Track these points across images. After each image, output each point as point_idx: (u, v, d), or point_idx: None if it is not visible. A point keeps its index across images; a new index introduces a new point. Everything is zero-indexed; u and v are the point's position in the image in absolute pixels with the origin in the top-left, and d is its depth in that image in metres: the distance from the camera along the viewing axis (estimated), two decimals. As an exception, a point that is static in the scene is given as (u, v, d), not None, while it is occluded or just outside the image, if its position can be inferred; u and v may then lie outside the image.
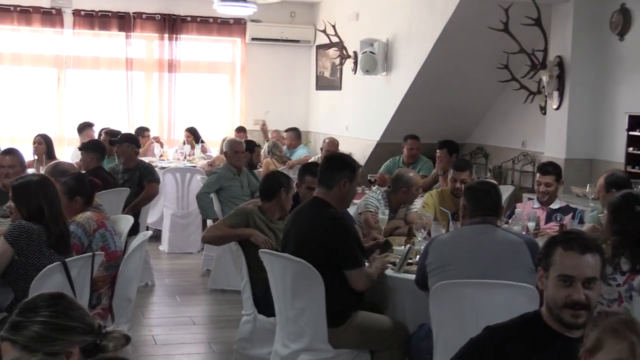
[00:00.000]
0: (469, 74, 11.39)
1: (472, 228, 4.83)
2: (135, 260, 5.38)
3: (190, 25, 14.70)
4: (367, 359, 5.05)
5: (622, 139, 8.95)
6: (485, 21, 10.07)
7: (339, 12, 14.15)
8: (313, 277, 4.78)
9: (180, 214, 10.49)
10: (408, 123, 11.59)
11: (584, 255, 3.06)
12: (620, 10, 9.40)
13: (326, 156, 6.12)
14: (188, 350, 6.68)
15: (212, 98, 15.10)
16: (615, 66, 9.58)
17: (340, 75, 14.39)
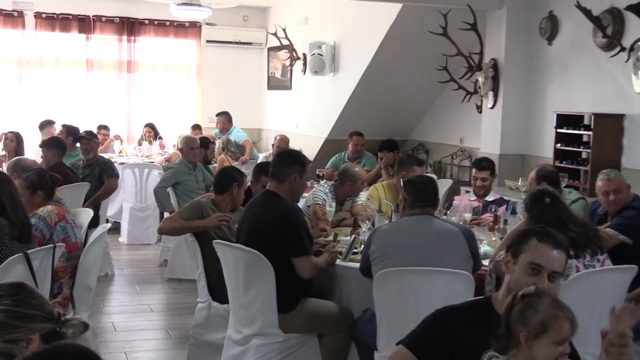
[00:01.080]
0: (410, 75, 11.41)
1: (412, 219, 4.85)
2: (95, 251, 5.32)
3: (148, 28, 14.60)
4: (316, 342, 5.04)
5: (550, 136, 9.03)
6: (425, 26, 10.11)
7: (289, 16, 14.14)
8: (264, 267, 4.77)
9: (139, 207, 10.42)
10: (354, 121, 11.59)
11: (555, 250, 3.13)
12: (548, 17, 9.50)
13: (277, 152, 6.12)
14: (146, 337, 6.62)
15: (169, 97, 14.95)
16: (544, 68, 9.67)
17: (290, 76, 14.39)
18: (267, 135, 15.19)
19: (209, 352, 5.50)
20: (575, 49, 9.16)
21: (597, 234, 5.02)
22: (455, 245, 4.68)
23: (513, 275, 3.13)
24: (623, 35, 8.38)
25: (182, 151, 8.94)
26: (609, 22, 8.46)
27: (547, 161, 8.70)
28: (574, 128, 8.66)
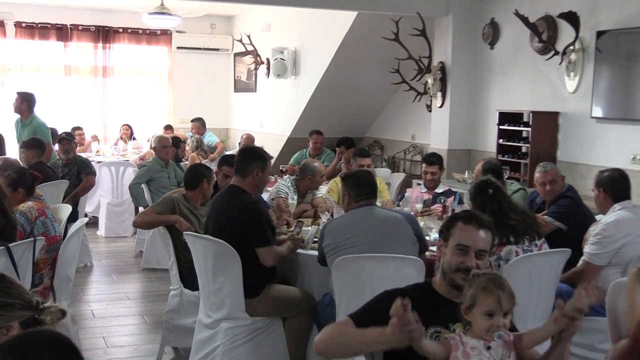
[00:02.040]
0: (366, 77, 11.45)
1: (359, 210, 4.88)
2: (74, 243, 5.30)
3: (122, 36, 14.55)
4: (280, 325, 5.05)
5: (493, 132, 9.12)
6: (378, 32, 10.14)
7: (254, 24, 14.14)
8: (231, 256, 4.77)
9: (115, 202, 10.37)
10: (314, 120, 11.62)
11: (479, 230, 3.15)
12: (490, 23, 9.60)
13: (241, 149, 6.12)
14: (123, 322, 6.60)
15: (142, 100, 14.89)
16: (487, 71, 9.77)
17: (255, 79, 14.39)
18: (234, 134, 15.18)
19: (182, 336, 5.51)
20: (515, 52, 9.26)
21: (535, 221, 5.09)
22: (402, 230, 4.74)
23: (445, 257, 3.16)
24: (557, 40, 8.49)
25: (156, 150, 8.92)
26: (544, 28, 8.57)
27: (491, 155, 8.78)
28: (514, 125, 8.76)
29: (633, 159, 7.62)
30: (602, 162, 7.46)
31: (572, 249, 4.99)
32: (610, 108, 7.88)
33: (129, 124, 13.13)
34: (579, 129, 8.30)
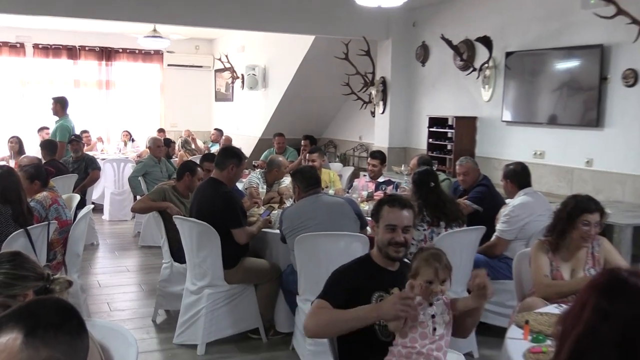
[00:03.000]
0: (322, 89, 11.42)
1: (309, 199, 4.87)
2: (82, 226, 5.23)
3: (121, 55, 14.37)
4: (252, 290, 5.03)
5: (424, 134, 9.17)
6: (332, 52, 10.14)
7: (230, 46, 14.06)
8: (211, 235, 4.75)
9: (117, 192, 10.26)
10: (280, 124, 11.60)
11: (403, 210, 3.11)
12: (422, 45, 9.65)
13: (222, 148, 6.07)
14: (124, 290, 6.53)
15: (139, 108, 14.69)
16: (419, 84, 9.82)
17: (232, 91, 14.32)
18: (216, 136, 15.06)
19: (172, 300, 5.46)
20: (441, 69, 9.32)
21: (458, 207, 5.15)
22: (344, 211, 4.76)
23: (378, 236, 3.13)
24: (474, 59, 8.56)
25: (150, 149, 8.83)
26: (464, 49, 8.63)
27: (423, 152, 8.85)
28: (441, 127, 8.84)
29: (534, 154, 7.72)
30: (510, 157, 7.53)
31: (487, 227, 5.04)
32: (516, 113, 7.96)
33: (128, 130, 13.04)
34: (492, 130, 8.39)
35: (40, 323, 1.65)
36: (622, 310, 1.77)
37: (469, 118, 8.63)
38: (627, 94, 6.65)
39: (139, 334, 5.21)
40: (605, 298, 1.80)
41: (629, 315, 1.76)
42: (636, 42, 6.38)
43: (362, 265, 3.15)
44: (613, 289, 1.82)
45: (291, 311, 4.94)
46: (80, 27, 12.97)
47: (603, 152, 6.92)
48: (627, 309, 1.77)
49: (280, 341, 5.03)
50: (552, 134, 7.52)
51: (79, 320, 1.74)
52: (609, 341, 1.76)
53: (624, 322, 1.76)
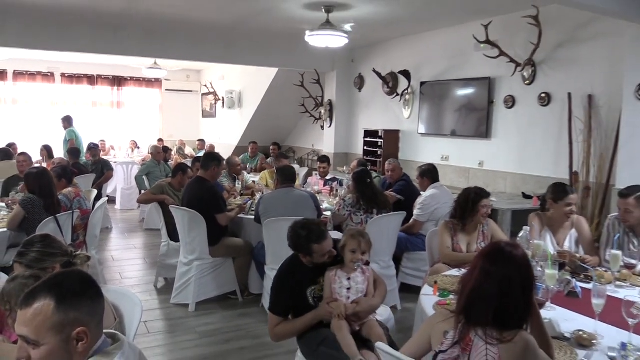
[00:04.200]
0: (284, 108, 11.39)
1: (282, 190, 4.85)
2: (99, 214, 5.10)
3: (129, 82, 14.01)
4: (231, 262, 4.99)
5: (361, 142, 9.22)
6: (291, 80, 10.15)
7: (214, 75, 13.91)
8: (199, 220, 4.70)
9: (127, 187, 10.02)
10: (252, 134, 11.52)
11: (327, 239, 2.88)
12: (359, 76, 9.71)
13: (206, 153, 5.97)
14: (132, 263, 6.40)
15: (143, 123, 14.37)
16: (357, 105, 9.88)
17: (215, 110, 14.11)
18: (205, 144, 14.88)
19: (169, 271, 5.38)
20: (373, 94, 9.39)
21: (386, 198, 5.18)
22: (307, 203, 4.74)
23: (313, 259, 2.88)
24: (397, 87, 8.65)
25: (152, 154, 8.67)
26: (390, 79, 8.72)
27: (360, 156, 8.89)
28: (373, 137, 8.89)
29: (441, 158, 7.85)
30: (424, 160, 7.63)
31: (407, 212, 5.11)
32: (429, 127, 8.08)
33: (134, 140, 12.78)
34: (411, 140, 8.49)
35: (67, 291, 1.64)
36: (499, 270, 1.86)
37: (394, 131, 8.72)
38: (507, 114, 6.82)
39: (144, 297, 5.13)
40: (488, 262, 1.88)
41: (503, 274, 1.85)
42: (513, 75, 6.57)
43: (293, 267, 2.96)
44: (494, 255, 1.90)
45: (261, 277, 4.92)
46: (97, 60, 12.64)
47: (491, 157, 7.08)
48: (502, 269, 1.86)
49: (253, 300, 5.02)
50: (454, 143, 7.66)
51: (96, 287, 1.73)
52: (490, 293, 1.85)
53: (500, 279, 1.85)
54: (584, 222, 3.78)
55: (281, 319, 2.87)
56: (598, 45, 5.74)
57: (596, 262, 3.52)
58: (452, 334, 1.91)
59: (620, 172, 5.01)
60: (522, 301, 1.87)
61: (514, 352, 1.81)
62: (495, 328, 1.85)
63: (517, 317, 1.86)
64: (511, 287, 1.85)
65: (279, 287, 2.92)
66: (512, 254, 1.89)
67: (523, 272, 1.88)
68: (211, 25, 8.08)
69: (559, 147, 6.10)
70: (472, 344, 1.85)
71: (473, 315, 1.87)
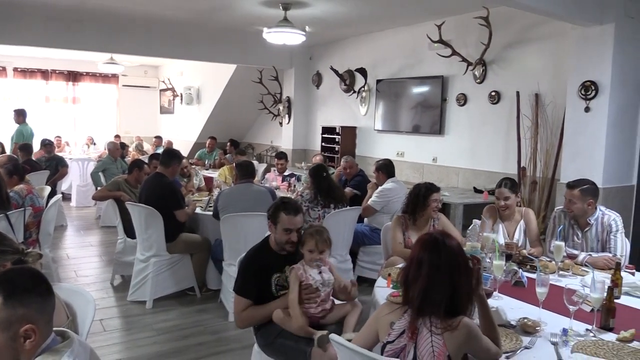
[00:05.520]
0: (242, 104, 11.29)
1: (241, 185, 4.83)
2: (52, 211, 4.93)
3: (85, 77, 13.60)
4: (189, 258, 4.91)
5: (319, 138, 9.25)
6: (250, 77, 10.08)
7: (172, 71, 13.66)
8: (156, 216, 4.62)
9: (82, 184, 9.74)
10: (210, 131, 11.34)
11: (296, 216, 2.94)
12: (316, 73, 9.71)
13: (166, 150, 5.82)
14: (88, 261, 6.22)
15: (99, 119, 13.97)
16: (315, 102, 9.88)
17: (173, 106, 13.88)
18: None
19: (126, 268, 5.25)
20: (331, 91, 9.42)
21: (343, 192, 5.20)
22: (266, 198, 4.71)
23: (276, 235, 2.92)
24: (354, 84, 8.71)
25: (110, 150, 8.46)
26: (347, 77, 8.76)
27: (318, 152, 8.90)
28: (331, 134, 8.92)
29: (397, 154, 7.95)
30: (381, 156, 7.71)
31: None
32: (385, 124, 8.17)
33: (91, 136, 12.40)
34: (367, 136, 8.57)
35: (16, 287, 1.59)
36: (432, 259, 1.92)
37: (350, 127, 8.77)
38: (459, 111, 6.96)
39: (100, 294, 5.01)
40: (423, 251, 1.95)
41: (436, 262, 1.92)
42: (465, 74, 6.71)
43: (261, 252, 2.96)
44: (429, 245, 1.97)
45: (219, 272, 4.87)
46: (51, 55, 12.21)
47: (444, 152, 7.22)
48: (436, 259, 1.92)
49: (211, 296, 4.96)
50: (410, 139, 7.77)
51: (47, 284, 1.68)
52: (420, 279, 1.91)
53: (434, 267, 1.92)
54: (531, 214, 3.90)
55: (248, 302, 2.82)
56: (544, 46, 5.93)
57: (539, 252, 3.64)
58: (398, 324, 1.94)
59: (565, 167, 5.19)
60: (468, 285, 1.93)
61: (458, 338, 1.87)
62: (439, 316, 1.89)
63: (463, 304, 1.92)
64: (460, 275, 1.91)
65: (245, 269, 2.89)
66: (445, 243, 1.96)
67: (464, 259, 1.95)
68: (169, 20, 7.93)
69: (508, 143, 6.27)
70: (418, 333, 1.90)
71: (426, 308, 1.91)
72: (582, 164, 5.01)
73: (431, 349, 1.86)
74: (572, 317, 2.39)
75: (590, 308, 2.48)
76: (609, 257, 3.39)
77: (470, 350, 1.94)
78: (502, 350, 2.05)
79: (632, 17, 4.92)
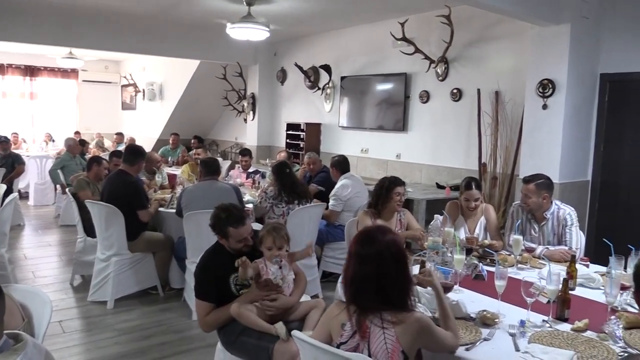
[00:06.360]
0: (206, 101, 11.17)
1: (205, 182, 4.78)
2: (8, 210, 4.77)
3: (43, 72, 13.16)
4: (151, 257, 4.83)
5: (283, 135, 9.23)
6: (213, 73, 9.97)
7: (134, 66, 13.38)
8: (117, 215, 4.52)
9: (40, 182, 9.47)
10: (174, 127, 11.17)
11: (245, 225, 2.87)
12: (281, 70, 9.68)
13: (130, 147, 5.68)
14: (47, 261, 6.05)
15: (58, 115, 13.57)
16: (280, 98, 9.85)
17: (135, 102, 13.61)
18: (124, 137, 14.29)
19: (86, 267, 5.13)
20: (295, 88, 9.40)
21: (307, 188, 5.21)
22: (230, 195, 4.65)
23: (229, 245, 2.88)
24: (319, 81, 8.71)
25: (71, 146, 8.24)
26: (312, 74, 8.76)
27: (282, 148, 8.88)
28: (295, 130, 8.91)
29: (361, 151, 8.00)
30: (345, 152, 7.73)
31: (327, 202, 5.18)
32: (349, 121, 8.20)
33: (49, 132, 12.06)
34: (332, 133, 8.59)
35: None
36: (370, 251, 1.96)
37: (315, 124, 8.78)
38: (422, 108, 7.05)
39: (59, 295, 4.88)
40: (358, 245, 1.98)
41: (374, 253, 1.95)
42: (428, 72, 6.80)
43: (216, 255, 2.92)
44: (363, 239, 1.99)
45: (182, 271, 4.81)
46: (7, 48, 11.77)
47: (407, 149, 7.30)
48: (372, 249, 1.96)
49: (174, 294, 4.89)
50: (374, 136, 7.82)
51: (-4, 286, 1.62)
52: (368, 275, 1.94)
53: (372, 259, 1.96)
54: (491, 209, 3.98)
55: (210, 306, 2.79)
56: (504, 44, 6.05)
57: (499, 246, 3.72)
58: (349, 324, 1.95)
59: (523, 163, 5.32)
60: (399, 277, 1.94)
61: (410, 332, 1.89)
62: (388, 311, 1.91)
63: (399, 295, 1.93)
64: (384, 264, 1.93)
65: (202, 273, 2.86)
66: (378, 235, 1.98)
67: (392, 249, 1.96)
68: (130, 14, 7.76)
69: (469, 140, 6.38)
70: (370, 331, 1.91)
71: (359, 301, 1.93)
72: (540, 160, 5.14)
73: (384, 346, 1.88)
74: (529, 308, 2.45)
75: (547, 300, 2.54)
76: (564, 250, 3.49)
77: (424, 344, 1.97)
78: (459, 341, 2.08)
79: (587, 18, 5.07)
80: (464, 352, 2.08)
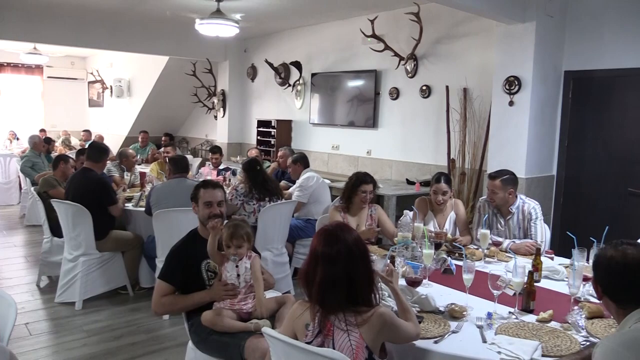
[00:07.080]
0: (175, 97, 11.04)
1: (174, 180, 4.74)
2: (-31, 211, 4.67)
3: (6, 68, 12.80)
4: (120, 256, 4.76)
5: (254, 132, 9.18)
6: (183, 69, 9.87)
7: (101, 62, 13.13)
8: (84, 214, 4.44)
9: (4, 182, 9.21)
10: (143, 125, 10.99)
11: (215, 190, 3.05)
12: (251, 66, 9.62)
13: (96, 145, 5.58)
14: (12, 262, 5.90)
15: (23, 112, 13.22)
16: (250, 95, 9.79)
17: (102, 99, 13.36)
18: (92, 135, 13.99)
19: (53, 268, 5.02)
20: (266, 84, 9.36)
21: (278, 185, 5.20)
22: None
23: (199, 213, 3.02)
24: (290, 77, 8.69)
25: (34, 145, 8.04)
26: (282, 70, 8.73)
27: (253, 145, 8.86)
28: (266, 127, 8.88)
29: (332, 147, 8.02)
30: (316, 149, 7.75)
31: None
32: (320, 117, 8.22)
33: (14, 131, 11.70)
34: (303, 129, 8.59)
35: None
36: (326, 252, 1.96)
37: (286, 121, 8.76)
38: (392, 105, 7.11)
39: (25, 297, 4.77)
40: (324, 245, 1.98)
41: (345, 253, 1.96)
42: (397, 69, 6.85)
43: (190, 240, 2.95)
44: (324, 238, 2.00)
45: (152, 270, 4.76)
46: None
47: (378, 145, 7.35)
48: (329, 251, 1.96)
49: (144, 294, 4.84)
50: (345, 133, 7.85)
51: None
52: (339, 276, 1.94)
53: (328, 260, 1.94)
54: (460, 204, 4.05)
55: (170, 289, 2.78)
56: (471, 42, 6.14)
57: (467, 240, 3.79)
58: (312, 325, 1.96)
59: (491, 159, 5.42)
60: (366, 274, 1.96)
61: (374, 329, 1.91)
62: (352, 311, 1.92)
63: (365, 292, 1.95)
64: (353, 263, 1.94)
65: (172, 256, 2.85)
66: (341, 233, 1.99)
67: (360, 247, 1.98)
68: (97, 8, 7.60)
69: (438, 136, 6.46)
70: (333, 329, 1.92)
71: (327, 302, 1.93)
72: (506, 156, 5.24)
73: (349, 343, 1.90)
74: (496, 301, 2.50)
75: (513, 292, 2.61)
76: (530, 243, 3.57)
77: (387, 338, 1.99)
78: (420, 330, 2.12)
79: (552, 16, 5.19)
80: (432, 345, 2.11)
